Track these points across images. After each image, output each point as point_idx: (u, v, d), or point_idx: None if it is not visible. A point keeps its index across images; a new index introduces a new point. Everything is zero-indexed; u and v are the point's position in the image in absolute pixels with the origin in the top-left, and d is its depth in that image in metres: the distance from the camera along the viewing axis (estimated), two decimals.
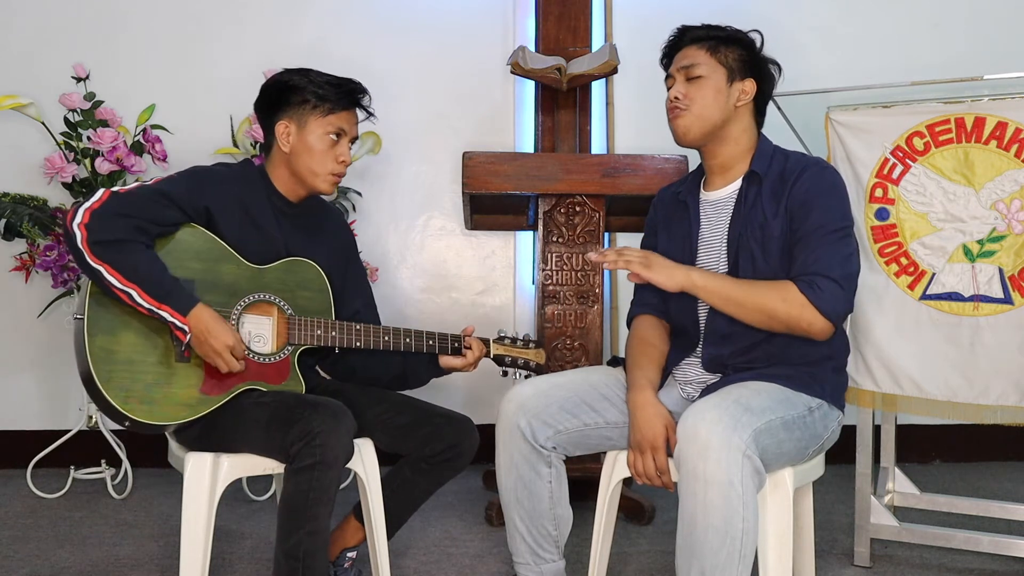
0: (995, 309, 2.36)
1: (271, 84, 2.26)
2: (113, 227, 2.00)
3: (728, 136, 2.13)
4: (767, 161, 2.12)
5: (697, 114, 2.11)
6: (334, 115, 2.22)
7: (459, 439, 2.22)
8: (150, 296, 2.00)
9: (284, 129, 2.22)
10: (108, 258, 1.99)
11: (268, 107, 2.25)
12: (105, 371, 2.02)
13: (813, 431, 1.99)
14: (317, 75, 2.23)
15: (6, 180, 3.40)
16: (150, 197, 2.07)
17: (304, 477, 1.97)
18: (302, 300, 2.21)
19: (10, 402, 3.55)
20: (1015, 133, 2.33)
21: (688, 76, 2.13)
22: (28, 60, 3.51)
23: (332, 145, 2.22)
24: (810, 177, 2.05)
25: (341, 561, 2.33)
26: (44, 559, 2.61)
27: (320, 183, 2.24)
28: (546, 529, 2.14)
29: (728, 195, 2.15)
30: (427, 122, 3.66)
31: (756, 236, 2.06)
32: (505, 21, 3.65)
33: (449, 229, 3.69)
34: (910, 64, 3.38)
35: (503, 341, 2.41)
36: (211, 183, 2.17)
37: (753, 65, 2.15)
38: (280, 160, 2.25)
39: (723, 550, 1.78)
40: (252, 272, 2.17)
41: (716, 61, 2.12)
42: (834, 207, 2.04)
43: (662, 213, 2.28)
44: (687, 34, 2.18)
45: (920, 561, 2.64)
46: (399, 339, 2.26)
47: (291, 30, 3.59)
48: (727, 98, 2.12)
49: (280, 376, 2.16)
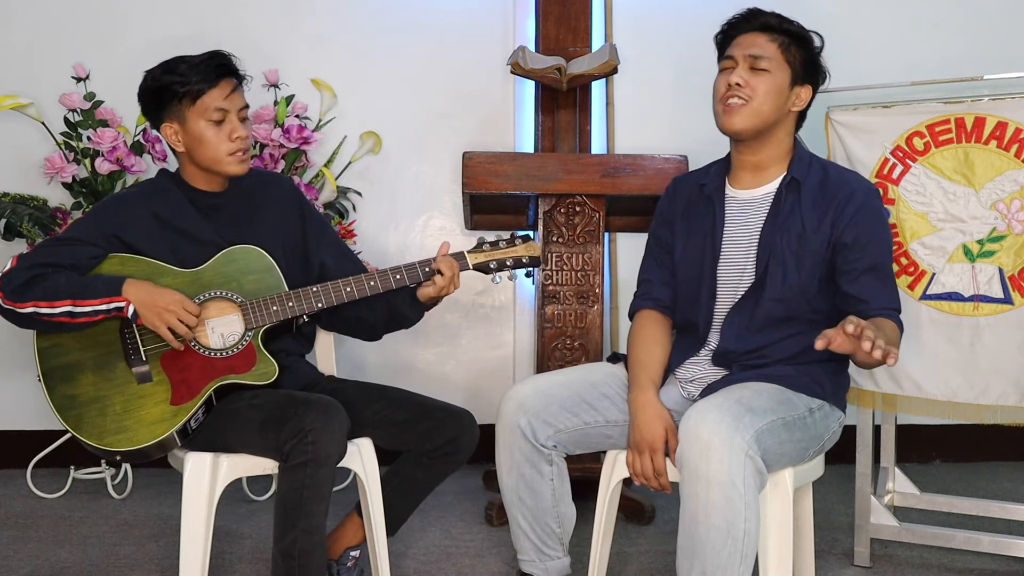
0: (995, 309, 2.36)
1: (142, 92, 2.21)
2: (20, 273, 2.06)
3: (773, 137, 2.09)
4: (805, 168, 2.08)
5: (755, 108, 2.04)
6: (205, 96, 2.14)
7: (459, 432, 2.21)
8: (82, 299, 2.03)
9: (170, 131, 2.19)
10: (30, 296, 2.04)
11: (150, 115, 2.23)
12: (74, 417, 2.06)
13: (814, 432, 1.99)
14: (177, 63, 2.16)
15: (6, 180, 3.40)
16: (53, 245, 2.13)
17: (298, 475, 1.97)
18: (249, 284, 2.18)
19: (10, 402, 3.55)
20: (1015, 133, 2.33)
21: (754, 66, 2.05)
22: (28, 60, 3.50)
23: (219, 127, 2.17)
24: (864, 204, 2.03)
25: (344, 560, 2.33)
26: (44, 559, 2.61)
27: (227, 167, 2.20)
28: (550, 527, 2.14)
29: (761, 196, 2.10)
30: (427, 122, 3.65)
31: (792, 246, 2.02)
32: (505, 21, 3.65)
33: (449, 229, 3.69)
34: (910, 64, 3.38)
35: (482, 248, 2.24)
36: (112, 211, 2.18)
37: (813, 71, 2.11)
38: (184, 160, 2.24)
39: (725, 550, 1.78)
40: (189, 276, 2.16)
41: (784, 59, 2.06)
42: (886, 240, 2.08)
43: (680, 204, 2.21)
44: (758, 19, 2.09)
45: (920, 561, 2.64)
46: (362, 285, 2.18)
47: (291, 30, 3.59)
48: (786, 100, 2.07)
49: (248, 363, 2.14)
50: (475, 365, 3.69)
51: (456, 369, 3.68)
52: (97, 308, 2.03)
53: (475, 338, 3.68)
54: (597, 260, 2.95)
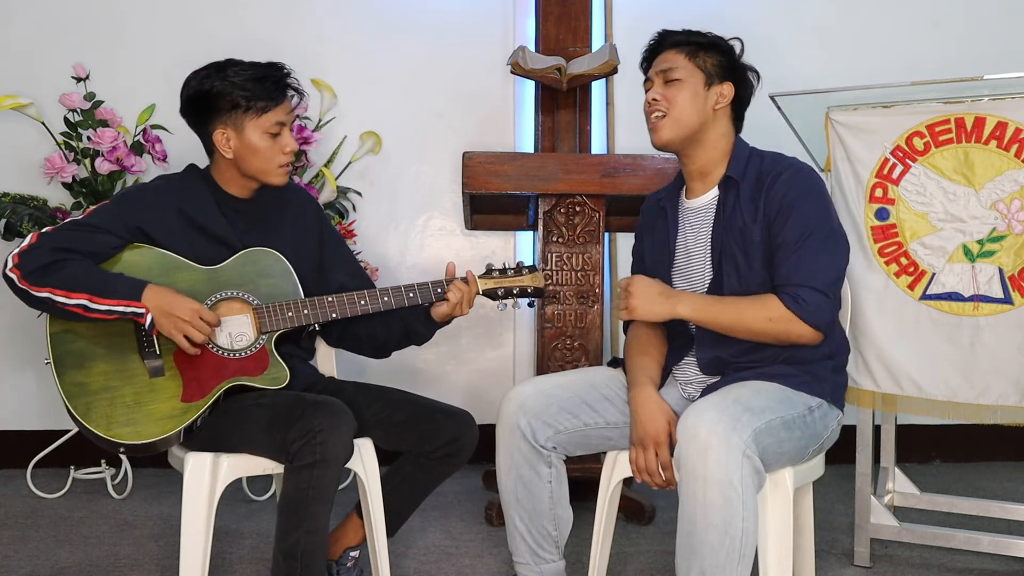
0: (995, 309, 2.36)
1: (194, 94, 2.18)
2: (40, 255, 2.04)
3: (706, 140, 2.11)
4: (743, 165, 2.10)
5: (675, 117, 2.09)
6: (270, 112, 2.16)
7: (458, 433, 2.21)
8: (100, 297, 2.02)
9: (222, 137, 2.17)
10: (48, 281, 2.02)
11: (197, 116, 2.21)
12: (83, 405, 2.04)
13: (813, 430, 1.99)
14: (236, 72, 2.15)
15: (6, 180, 3.40)
16: (75, 229, 2.10)
17: (304, 476, 1.97)
18: (266, 287, 2.19)
19: (10, 402, 3.55)
20: (1015, 133, 2.33)
21: (666, 79, 2.11)
22: (28, 60, 3.50)
23: (275, 140, 2.18)
24: (785, 181, 2.04)
25: (344, 560, 2.33)
26: (44, 559, 2.61)
27: (272, 178, 2.21)
28: (546, 529, 2.14)
29: (708, 202, 2.14)
30: (427, 122, 3.66)
31: (738, 242, 2.06)
32: (505, 21, 3.65)
33: (449, 229, 3.69)
34: (910, 64, 3.38)
35: (491, 274, 2.30)
36: (140, 202, 2.17)
37: (731, 70, 2.13)
38: (226, 165, 2.22)
39: (723, 549, 1.78)
40: (207, 274, 2.16)
41: (694, 65, 2.11)
42: (811, 212, 2.02)
43: (646, 219, 2.29)
44: (667, 39, 2.17)
45: (920, 561, 2.64)
46: (376, 300, 2.21)
47: (291, 30, 3.59)
48: (704, 101, 2.10)
49: (261, 367, 2.15)
50: (475, 365, 3.69)
51: (456, 369, 3.68)
52: (113, 308, 2.03)
53: (475, 338, 3.68)
54: (597, 260, 2.95)
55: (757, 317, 1.99)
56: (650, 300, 2.04)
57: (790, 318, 1.97)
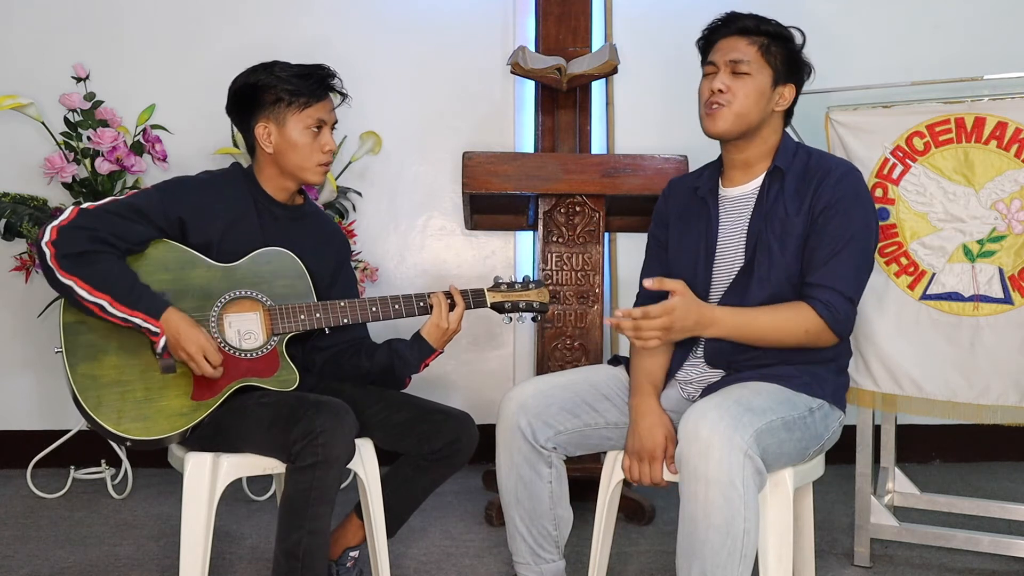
0: (995, 309, 2.36)
1: (240, 87, 2.23)
2: (78, 240, 2.01)
3: (758, 136, 2.11)
4: (790, 157, 2.10)
5: (737, 112, 2.07)
6: (311, 107, 2.20)
7: (458, 435, 2.21)
8: (121, 304, 2.01)
9: (264, 131, 2.20)
10: (77, 272, 2.00)
11: (241, 111, 2.23)
12: (94, 397, 2.03)
13: (814, 431, 1.99)
14: (282, 68, 2.20)
15: (6, 180, 3.40)
16: (118, 211, 2.08)
17: (306, 476, 1.97)
18: (280, 288, 2.19)
19: (10, 402, 3.55)
20: (1015, 133, 2.33)
21: (735, 71, 2.07)
22: (28, 60, 3.50)
23: (315, 137, 2.21)
24: (839, 179, 2.04)
25: (343, 560, 2.33)
26: (44, 559, 2.61)
27: (309, 175, 2.23)
28: (546, 529, 2.14)
29: (749, 191, 2.13)
30: (427, 122, 3.66)
31: (776, 231, 2.05)
32: (505, 21, 3.65)
33: (449, 229, 3.69)
34: (910, 64, 3.38)
35: (499, 288, 2.33)
36: (186, 193, 2.17)
37: (796, 69, 2.12)
38: (266, 160, 2.24)
39: (724, 550, 1.78)
40: (223, 271, 2.16)
41: (765, 61, 2.08)
42: (858, 218, 2.03)
43: (675, 205, 2.24)
44: (736, 23, 2.11)
45: (920, 561, 2.64)
46: (387, 307, 2.23)
47: (291, 30, 3.59)
48: (768, 101, 2.09)
49: (271, 368, 2.15)
50: (475, 365, 3.69)
51: (456, 370, 3.68)
52: (130, 318, 2.01)
53: (475, 339, 3.68)
54: (597, 260, 2.95)
55: (794, 330, 1.99)
56: (683, 332, 1.94)
57: (823, 328, 1.99)
